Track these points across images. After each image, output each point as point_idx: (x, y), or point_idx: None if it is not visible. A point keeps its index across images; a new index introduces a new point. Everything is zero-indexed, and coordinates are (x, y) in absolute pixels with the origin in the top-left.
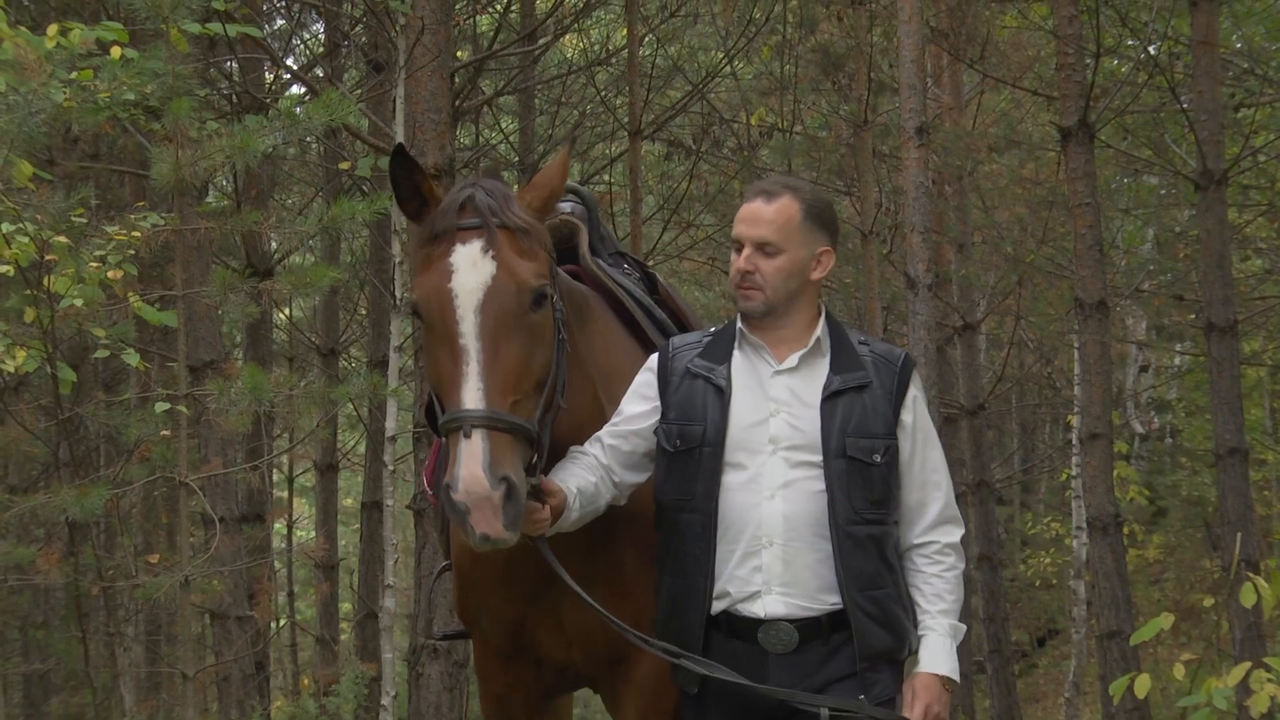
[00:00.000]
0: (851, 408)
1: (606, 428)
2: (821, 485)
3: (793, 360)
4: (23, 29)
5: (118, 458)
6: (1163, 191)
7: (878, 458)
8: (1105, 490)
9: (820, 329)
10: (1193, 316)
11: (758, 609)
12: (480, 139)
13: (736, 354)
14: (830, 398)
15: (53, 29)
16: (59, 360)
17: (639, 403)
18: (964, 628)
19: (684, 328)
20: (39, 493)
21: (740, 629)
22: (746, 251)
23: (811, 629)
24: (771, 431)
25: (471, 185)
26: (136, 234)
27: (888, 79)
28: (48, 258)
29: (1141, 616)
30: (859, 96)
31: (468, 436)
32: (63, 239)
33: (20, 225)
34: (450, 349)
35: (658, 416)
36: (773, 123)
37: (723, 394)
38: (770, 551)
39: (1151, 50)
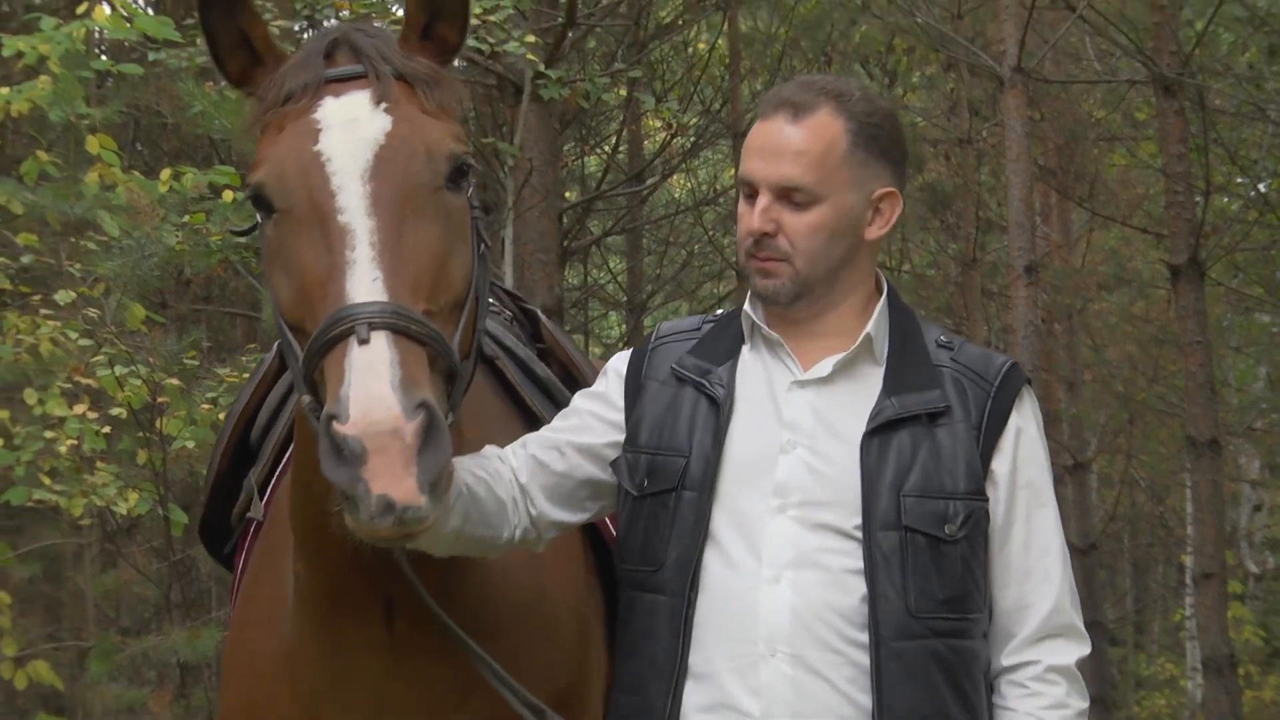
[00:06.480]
0: (914, 449)
1: (541, 431)
2: (858, 563)
3: (824, 367)
4: (136, 174)
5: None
6: (1275, 329)
7: (952, 529)
8: (1219, 630)
9: (875, 321)
10: None
11: None
12: (588, 279)
13: (746, 353)
14: (878, 431)
15: (165, 173)
16: (171, 502)
17: (597, 404)
18: None
19: (576, 386)
20: (151, 635)
21: None
22: (763, 201)
23: None
24: (779, 476)
25: (338, 30)
26: (247, 376)
27: (996, 217)
28: (160, 400)
29: None
30: (967, 235)
31: (363, 341)
32: (175, 381)
33: (133, 368)
34: (322, 235)
35: (618, 434)
36: (880, 261)
37: (719, 410)
38: (773, 666)
39: (1261, 188)
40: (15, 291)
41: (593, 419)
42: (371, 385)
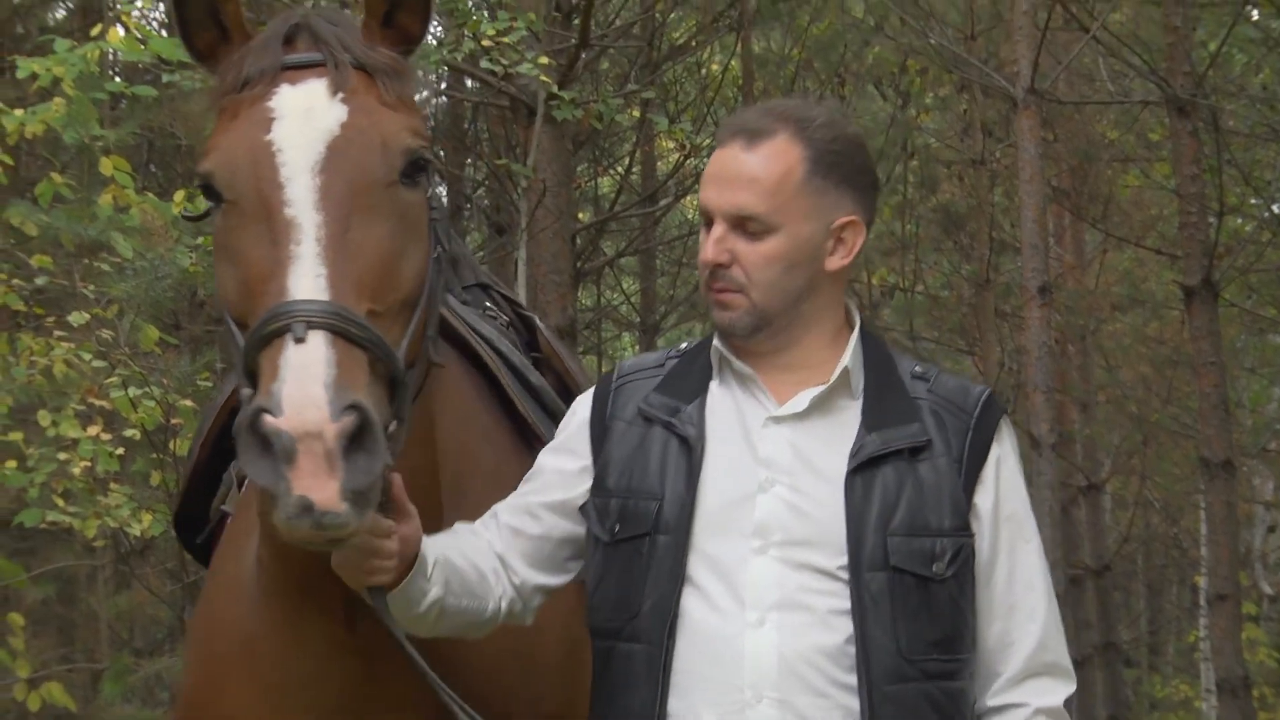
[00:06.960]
0: (899, 487)
1: (510, 499)
2: (844, 604)
3: (799, 402)
4: (150, 195)
5: None
6: None
7: (940, 568)
8: (1234, 652)
9: (850, 354)
10: None
11: None
12: (602, 300)
13: (715, 388)
14: (862, 469)
15: (179, 195)
16: None
17: (562, 458)
18: None
19: (570, 397)
20: (164, 656)
21: None
22: (717, 231)
23: None
24: (758, 515)
25: (300, 15)
26: None
27: (1009, 238)
28: (173, 421)
29: None
30: (981, 256)
31: (299, 340)
32: (188, 402)
33: (146, 389)
34: (268, 228)
35: (589, 480)
36: (894, 282)
37: (690, 451)
38: (760, 711)
39: (1275, 209)
40: (29, 313)
41: (558, 475)
42: (305, 384)
